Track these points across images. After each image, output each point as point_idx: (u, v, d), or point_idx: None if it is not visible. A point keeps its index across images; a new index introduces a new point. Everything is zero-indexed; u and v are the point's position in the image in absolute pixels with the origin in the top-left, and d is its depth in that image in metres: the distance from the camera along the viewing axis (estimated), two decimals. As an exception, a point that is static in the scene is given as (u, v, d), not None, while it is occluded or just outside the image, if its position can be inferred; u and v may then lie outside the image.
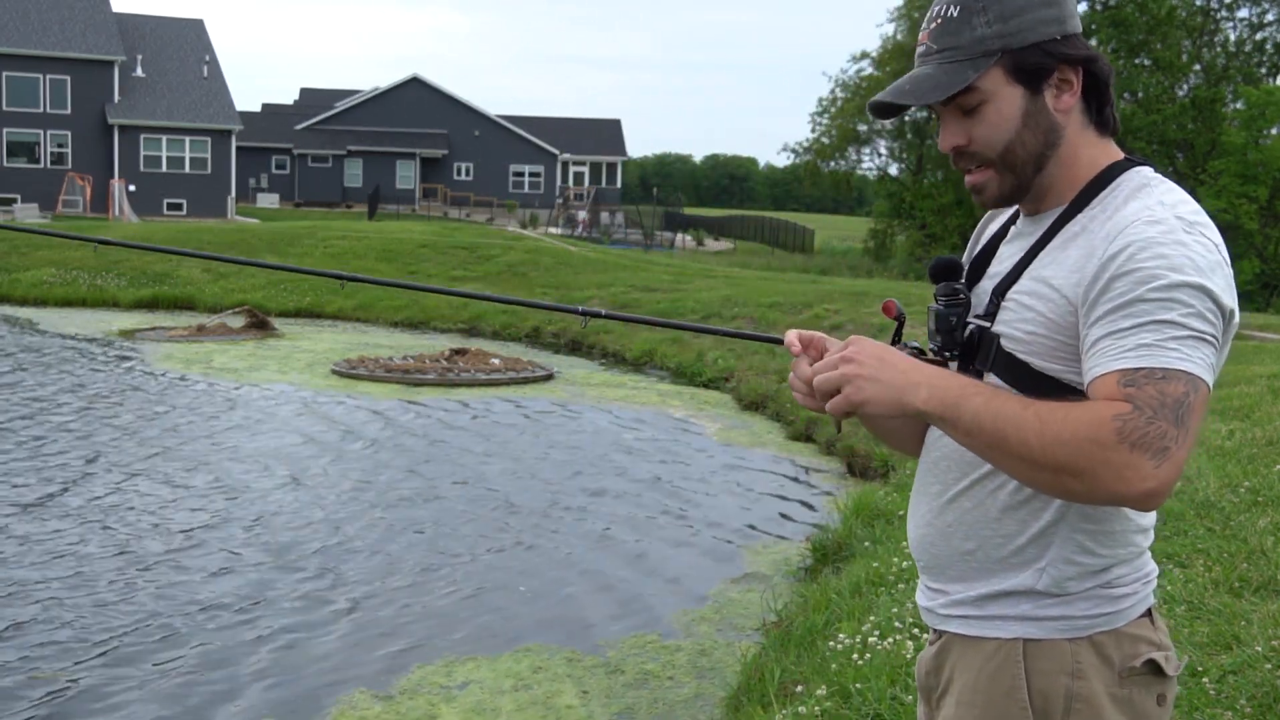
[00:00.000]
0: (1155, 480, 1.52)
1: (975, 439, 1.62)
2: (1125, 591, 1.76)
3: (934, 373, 1.68)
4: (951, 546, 1.84)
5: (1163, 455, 1.52)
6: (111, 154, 45.53)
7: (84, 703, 5.19)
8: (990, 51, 1.75)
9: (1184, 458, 1.54)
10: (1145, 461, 1.51)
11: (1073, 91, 1.77)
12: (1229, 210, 35.42)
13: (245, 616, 6.26)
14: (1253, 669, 3.92)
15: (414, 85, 63.77)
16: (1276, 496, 6.06)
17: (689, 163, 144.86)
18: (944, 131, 1.83)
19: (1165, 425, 1.52)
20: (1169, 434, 1.52)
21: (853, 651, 4.54)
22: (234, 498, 8.58)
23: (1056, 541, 1.75)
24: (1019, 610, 1.77)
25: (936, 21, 1.79)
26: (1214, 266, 1.61)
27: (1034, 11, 1.74)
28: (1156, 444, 1.52)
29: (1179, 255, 1.60)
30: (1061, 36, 1.75)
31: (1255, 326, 15.62)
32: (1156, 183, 1.74)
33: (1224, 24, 43.25)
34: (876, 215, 51.17)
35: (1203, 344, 1.58)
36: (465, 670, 5.59)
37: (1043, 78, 1.76)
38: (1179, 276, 1.58)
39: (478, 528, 8.07)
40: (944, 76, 1.76)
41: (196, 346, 16.38)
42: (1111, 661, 1.74)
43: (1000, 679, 1.77)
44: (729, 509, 8.81)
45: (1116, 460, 1.52)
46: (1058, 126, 1.78)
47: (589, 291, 20.55)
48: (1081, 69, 1.77)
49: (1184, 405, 1.54)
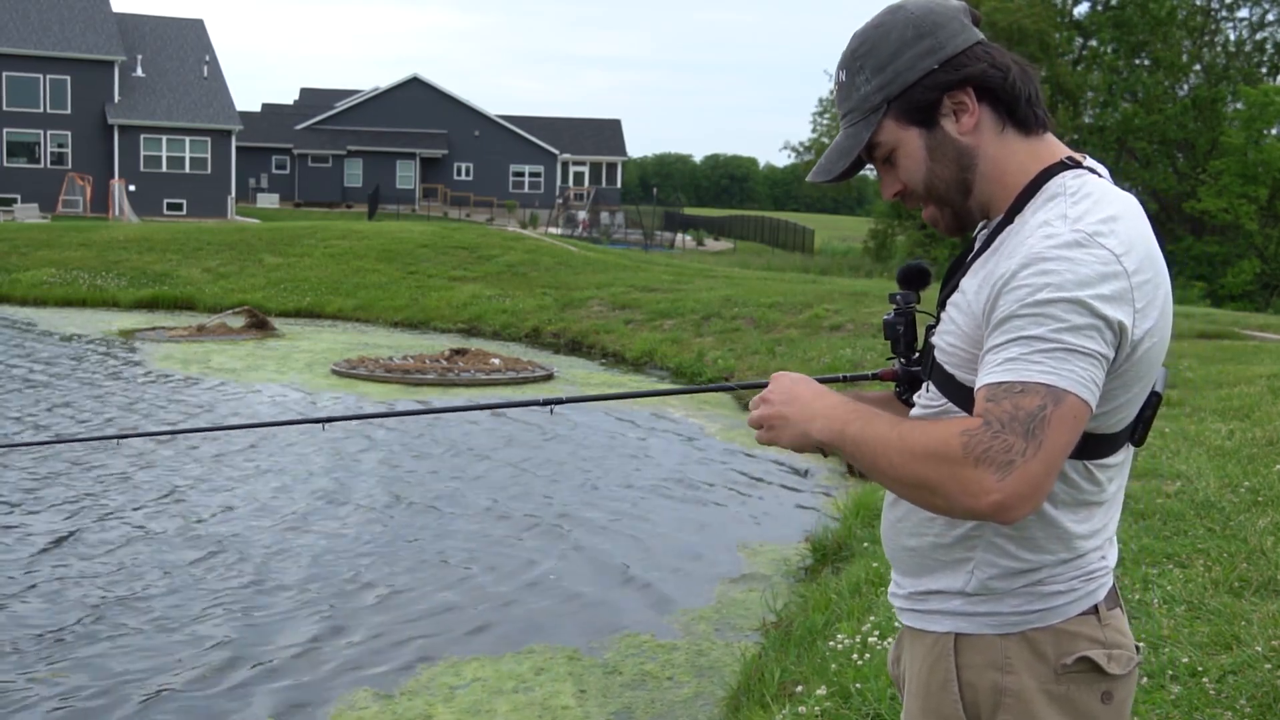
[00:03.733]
0: (1000, 493, 1.55)
1: (859, 462, 1.71)
2: (1059, 589, 1.77)
3: (830, 403, 1.76)
4: (898, 542, 1.90)
5: (1007, 469, 1.54)
6: (111, 154, 45.55)
7: (83, 702, 5.18)
8: (875, 106, 1.81)
9: (1037, 471, 1.55)
10: (988, 475, 1.55)
11: (970, 111, 1.79)
12: (1229, 210, 35.42)
13: (247, 617, 6.25)
14: (1253, 669, 3.92)
15: (414, 85, 63.78)
16: (1276, 496, 6.06)
17: (689, 163, 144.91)
18: (882, 184, 1.91)
19: (1012, 439, 1.55)
20: (1015, 447, 1.55)
21: (852, 651, 4.54)
22: (232, 498, 8.58)
23: (980, 546, 1.78)
24: (951, 606, 1.81)
25: (836, 90, 1.87)
26: (1102, 279, 1.61)
27: (905, 53, 1.78)
28: (1000, 458, 1.55)
29: (1061, 269, 1.61)
30: (940, 65, 1.77)
31: (1255, 326, 15.60)
32: (1068, 191, 1.72)
33: (1224, 24, 43.25)
34: (876, 215, 51.18)
35: (1076, 357, 1.59)
36: (468, 670, 5.58)
37: (933, 111, 1.79)
38: (1053, 292, 1.60)
39: (478, 528, 8.07)
40: (846, 142, 1.85)
41: (196, 346, 16.37)
42: (1046, 657, 1.75)
43: (937, 671, 1.81)
44: (729, 509, 8.81)
45: (962, 475, 1.56)
46: (967, 150, 1.80)
47: (589, 291, 20.54)
48: (971, 88, 1.78)
49: (1037, 419, 1.56)
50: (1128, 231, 1.67)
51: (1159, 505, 6.01)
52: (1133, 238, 1.67)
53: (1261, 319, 17.79)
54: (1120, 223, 1.67)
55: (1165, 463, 6.96)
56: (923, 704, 1.83)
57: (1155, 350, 1.71)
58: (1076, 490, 1.76)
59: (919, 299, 1.99)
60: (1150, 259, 1.69)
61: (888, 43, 1.78)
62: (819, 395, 1.78)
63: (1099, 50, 41.05)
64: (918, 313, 1.98)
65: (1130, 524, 5.67)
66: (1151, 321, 1.67)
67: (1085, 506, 1.77)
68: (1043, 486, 1.57)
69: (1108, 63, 40.92)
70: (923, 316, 1.96)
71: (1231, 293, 35.34)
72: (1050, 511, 1.75)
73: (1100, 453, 1.75)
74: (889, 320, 1.95)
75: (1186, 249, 37.51)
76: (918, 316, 1.98)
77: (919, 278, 1.98)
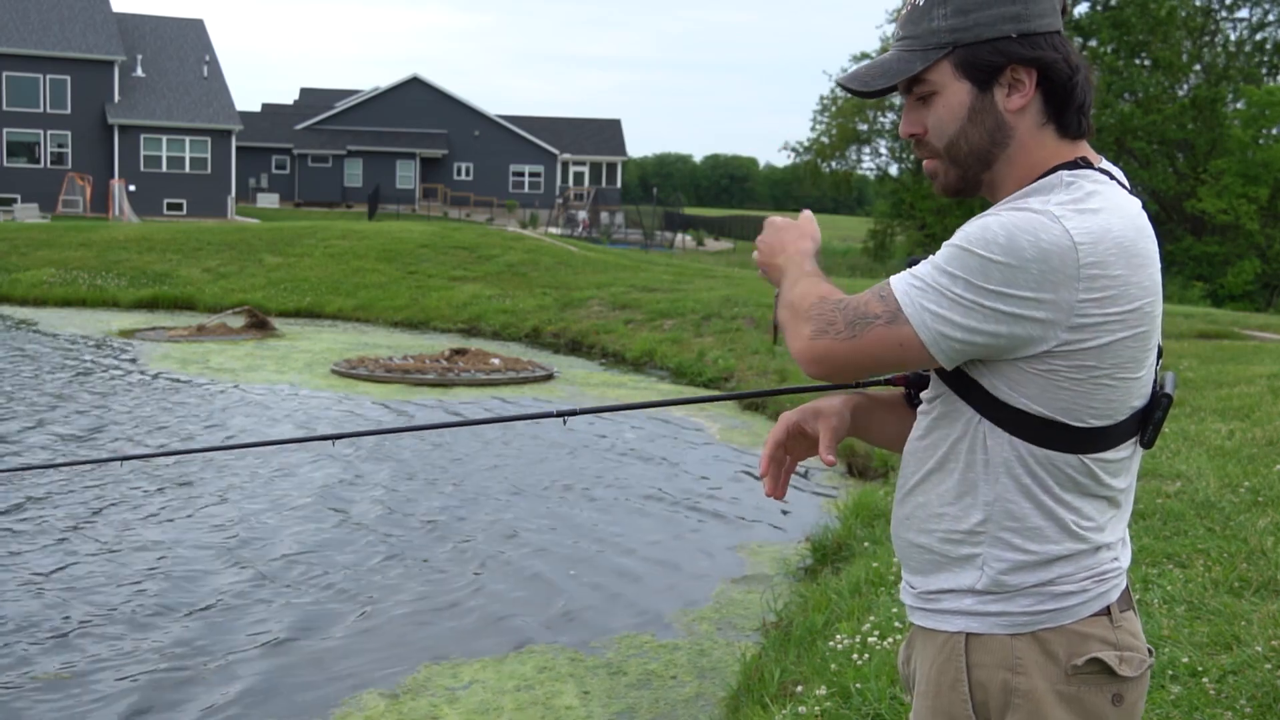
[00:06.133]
0: (802, 344, 1.79)
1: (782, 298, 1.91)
2: (1071, 589, 1.76)
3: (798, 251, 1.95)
4: (908, 540, 1.90)
5: (820, 335, 1.76)
6: (111, 154, 45.53)
7: (84, 701, 5.19)
8: (941, 44, 1.77)
9: (836, 351, 1.75)
10: (806, 328, 1.79)
11: (1023, 92, 1.77)
12: (1229, 211, 35.38)
13: (248, 617, 6.26)
14: (1253, 669, 3.92)
15: (414, 85, 63.76)
16: (1276, 496, 6.06)
17: (689, 163, 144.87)
18: (904, 118, 1.89)
19: (839, 317, 1.76)
20: (836, 324, 1.75)
21: (852, 651, 4.54)
22: (232, 498, 8.58)
23: (986, 541, 1.78)
24: (962, 605, 1.81)
25: (906, 9, 1.84)
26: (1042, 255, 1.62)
27: (992, 8, 1.74)
28: (821, 324, 1.77)
29: (990, 229, 1.66)
30: (1018, 35, 1.74)
31: (1255, 326, 15.61)
32: (1064, 183, 1.72)
33: (1224, 24, 43.23)
34: (876, 215, 51.25)
35: (949, 304, 1.66)
36: (471, 671, 5.59)
37: (993, 75, 1.77)
38: (965, 242, 1.66)
39: (479, 528, 8.07)
40: (895, 65, 1.81)
41: (195, 346, 16.37)
42: (1057, 658, 1.74)
43: (947, 671, 1.81)
44: (729, 509, 8.81)
45: (797, 319, 1.81)
46: (1006, 126, 1.78)
47: (589, 291, 20.54)
48: (1036, 71, 1.76)
49: (868, 320, 1.72)
50: (1103, 223, 1.66)
51: (1159, 505, 6.01)
52: (1108, 231, 1.65)
53: (1261, 319, 17.80)
54: (1101, 216, 1.66)
55: (1165, 463, 6.96)
56: (932, 703, 1.82)
57: (1126, 347, 1.69)
58: (1075, 481, 1.75)
59: None
60: (1128, 258, 1.67)
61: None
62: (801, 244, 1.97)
63: (1098, 50, 41.06)
64: None
65: (1130, 524, 5.66)
66: (1111, 314, 1.65)
67: (1088, 498, 1.77)
68: (840, 368, 1.77)
69: (1107, 63, 40.92)
70: None
71: (1231, 293, 35.31)
72: (1049, 503, 1.74)
73: (1088, 446, 1.73)
74: None
75: (1186, 249, 37.48)
76: None
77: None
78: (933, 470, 1.82)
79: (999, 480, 1.75)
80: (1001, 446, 1.74)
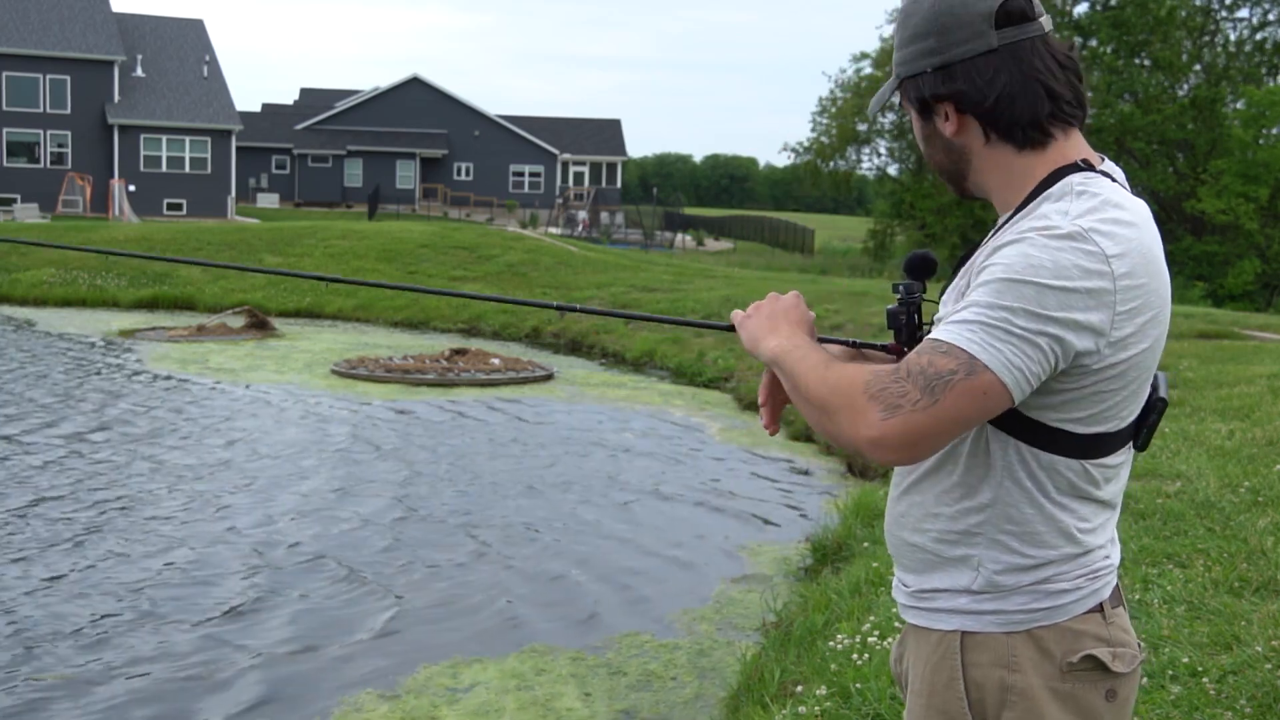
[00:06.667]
0: (878, 430, 1.60)
1: (786, 383, 1.77)
2: (1065, 587, 1.77)
3: (792, 332, 1.82)
4: (902, 538, 1.91)
5: (893, 411, 1.59)
6: (111, 154, 45.52)
7: (85, 701, 5.19)
8: (896, 75, 1.86)
9: (922, 424, 1.59)
10: (875, 411, 1.60)
11: (951, 121, 1.80)
12: (1229, 211, 35.37)
13: (249, 616, 6.26)
14: (1253, 669, 3.92)
15: (414, 85, 63.74)
16: (1276, 496, 6.06)
17: (689, 163, 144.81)
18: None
19: (910, 387, 1.60)
20: (909, 395, 1.59)
21: (852, 651, 4.54)
22: (233, 499, 8.58)
23: (983, 543, 1.78)
24: (957, 604, 1.81)
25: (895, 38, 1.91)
26: (1084, 274, 1.61)
27: (910, 45, 1.80)
28: (892, 399, 1.60)
29: (1041, 256, 1.61)
30: (933, 70, 1.77)
31: (1255, 326, 15.61)
32: (1075, 190, 1.72)
33: (1224, 24, 43.22)
34: (876, 215, 51.18)
35: (1015, 340, 1.60)
36: (471, 671, 5.59)
37: (925, 106, 1.82)
38: (1024, 274, 1.61)
39: (479, 528, 8.07)
40: (882, 92, 1.92)
41: (194, 346, 16.37)
42: (1051, 655, 1.75)
43: (942, 670, 1.81)
44: (729, 509, 8.81)
45: (855, 404, 1.62)
46: (958, 148, 1.82)
47: (589, 291, 20.55)
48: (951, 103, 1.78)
49: (944, 379, 1.59)
50: (1128, 235, 1.66)
51: (1159, 505, 6.01)
52: (1133, 242, 1.66)
53: (1261, 319, 17.79)
54: (1123, 226, 1.67)
55: (1165, 463, 6.96)
56: (927, 702, 1.83)
57: (1146, 356, 1.71)
58: (1074, 486, 1.76)
59: (924, 289, 1.97)
60: (1148, 265, 1.68)
61: (907, 28, 1.81)
62: (791, 323, 1.84)
63: (1098, 50, 41.06)
64: (924, 302, 1.95)
65: (1130, 524, 5.67)
66: (1139, 325, 1.67)
67: (1086, 502, 1.78)
68: (923, 442, 1.61)
69: (1107, 63, 40.91)
70: (929, 307, 1.94)
71: (1232, 293, 35.29)
72: (1049, 507, 1.75)
73: (1092, 452, 1.75)
74: (892, 310, 1.92)
75: (1186, 249, 37.46)
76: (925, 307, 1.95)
77: (924, 266, 1.96)
78: (930, 470, 1.83)
79: (1000, 483, 1.76)
80: (1004, 450, 1.75)
